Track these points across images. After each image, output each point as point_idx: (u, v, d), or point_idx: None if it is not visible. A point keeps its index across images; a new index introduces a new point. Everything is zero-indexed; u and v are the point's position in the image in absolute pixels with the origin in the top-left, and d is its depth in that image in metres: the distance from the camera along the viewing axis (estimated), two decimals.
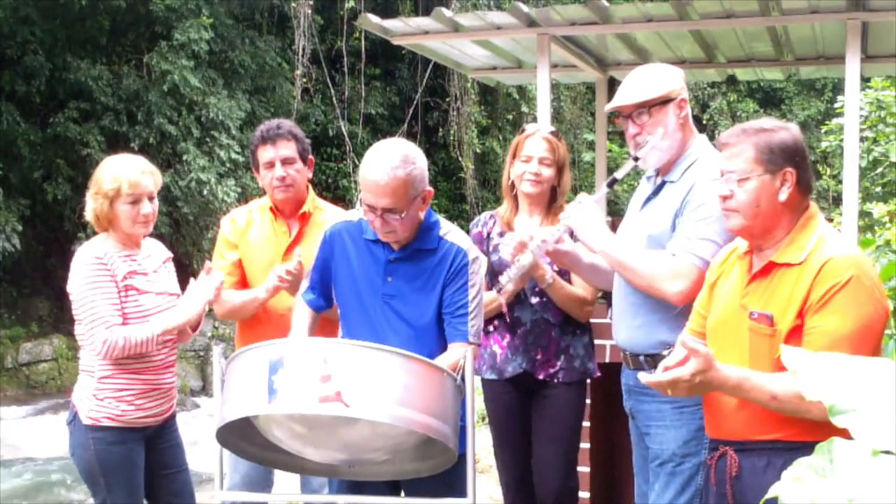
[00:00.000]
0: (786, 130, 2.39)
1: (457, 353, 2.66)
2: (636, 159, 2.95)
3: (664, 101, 2.89)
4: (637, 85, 2.92)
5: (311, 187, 3.62)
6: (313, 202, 3.58)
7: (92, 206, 3.25)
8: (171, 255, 3.52)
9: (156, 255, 3.42)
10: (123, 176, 3.21)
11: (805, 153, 2.39)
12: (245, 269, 3.52)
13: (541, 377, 3.44)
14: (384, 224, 2.70)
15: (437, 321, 2.80)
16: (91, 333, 3.16)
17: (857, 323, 2.20)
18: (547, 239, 3.02)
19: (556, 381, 3.45)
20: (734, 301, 2.41)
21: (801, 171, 2.36)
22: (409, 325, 2.78)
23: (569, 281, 3.43)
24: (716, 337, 2.44)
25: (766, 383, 2.21)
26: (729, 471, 2.38)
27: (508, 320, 3.45)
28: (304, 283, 3.02)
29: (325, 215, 3.57)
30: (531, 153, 3.43)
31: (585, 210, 2.95)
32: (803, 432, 2.19)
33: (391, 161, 2.64)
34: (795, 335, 2.25)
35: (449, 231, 2.85)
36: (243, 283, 3.56)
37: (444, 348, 2.79)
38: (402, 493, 2.87)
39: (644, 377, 2.35)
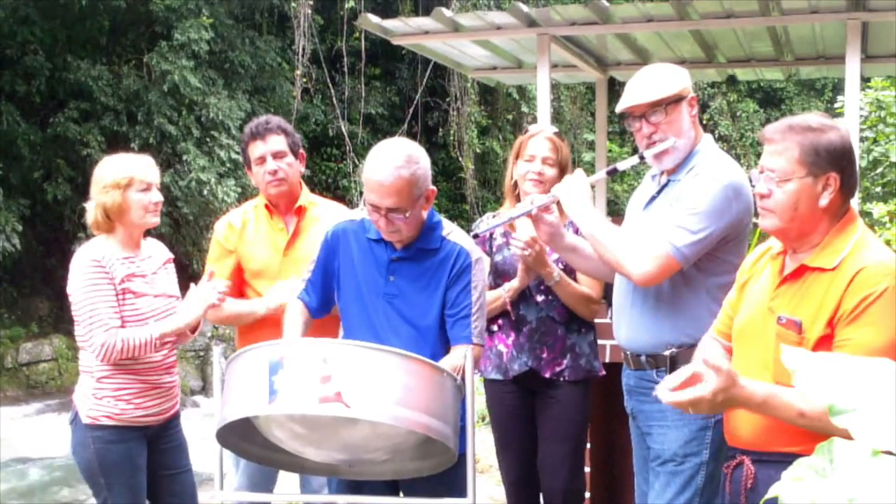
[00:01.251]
0: (835, 131, 2.22)
1: (459, 356, 2.66)
2: (642, 158, 2.95)
3: (678, 100, 2.88)
4: (649, 84, 2.90)
5: (303, 183, 3.61)
6: (307, 197, 3.57)
7: (101, 202, 3.23)
8: (171, 256, 3.52)
9: (156, 256, 3.42)
10: (133, 166, 3.26)
11: (852, 156, 2.25)
12: (245, 269, 3.52)
13: (547, 375, 3.44)
14: (389, 224, 2.70)
15: (439, 321, 2.80)
16: (90, 336, 3.17)
17: (892, 335, 2.09)
18: (535, 201, 3.01)
19: (562, 379, 3.45)
20: (763, 303, 2.31)
21: (846, 176, 2.21)
22: (410, 325, 2.78)
23: (575, 279, 3.43)
24: (742, 339, 2.37)
25: (794, 400, 2.07)
26: (744, 481, 2.31)
27: (513, 317, 3.45)
28: (300, 285, 2.98)
29: (320, 210, 3.56)
30: (534, 153, 3.43)
31: (576, 182, 2.95)
32: None
33: (395, 161, 2.64)
34: (824, 344, 2.15)
35: (451, 231, 2.85)
36: (239, 288, 3.55)
37: (446, 348, 2.79)
38: (401, 494, 2.87)
39: (663, 396, 2.19)
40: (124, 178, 3.21)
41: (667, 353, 2.85)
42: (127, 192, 3.22)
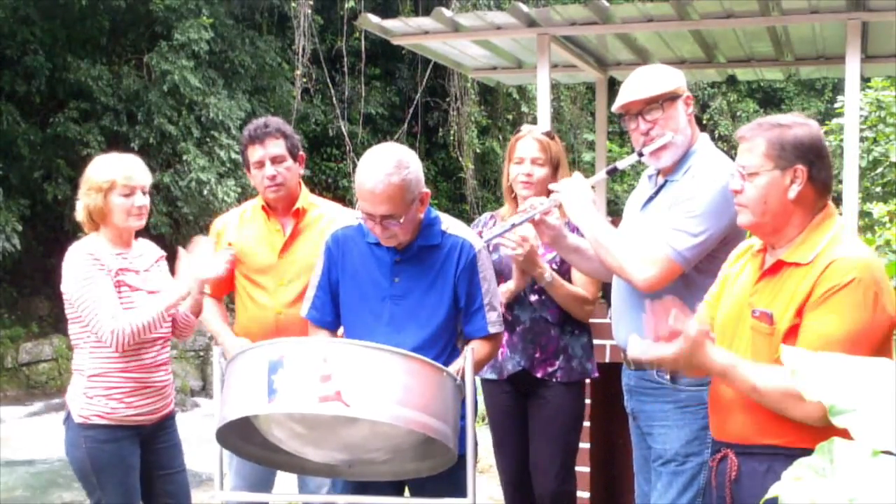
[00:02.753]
0: (803, 127, 2.31)
1: (479, 352, 2.70)
2: (641, 154, 2.95)
3: (673, 97, 2.89)
4: (645, 81, 2.91)
5: (303, 184, 3.59)
6: (306, 199, 3.54)
7: (85, 203, 3.26)
8: (163, 254, 3.52)
9: (148, 254, 3.43)
10: (117, 169, 3.25)
11: (822, 152, 2.32)
12: (242, 269, 3.51)
13: (539, 375, 3.45)
14: (385, 231, 2.69)
15: (449, 315, 2.80)
16: (96, 327, 3.16)
17: (852, 326, 2.15)
18: (536, 206, 3.02)
19: (553, 380, 3.45)
20: (742, 298, 2.38)
21: (815, 170, 2.28)
22: (418, 324, 2.77)
23: (569, 280, 3.44)
24: (722, 333, 2.42)
25: (750, 375, 2.21)
26: (729, 474, 2.36)
27: (509, 318, 3.45)
28: (306, 304, 2.96)
29: (320, 211, 3.54)
30: (523, 154, 3.45)
31: (577, 186, 2.95)
32: (805, 438, 2.15)
33: (385, 168, 2.63)
34: (794, 334, 2.21)
35: (450, 225, 2.85)
36: (229, 284, 3.54)
37: (455, 344, 2.80)
38: (407, 492, 2.87)
39: (632, 349, 2.34)
40: (105, 181, 3.21)
41: None
42: (109, 195, 3.22)
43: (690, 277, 2.83)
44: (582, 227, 2.94)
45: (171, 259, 3.50)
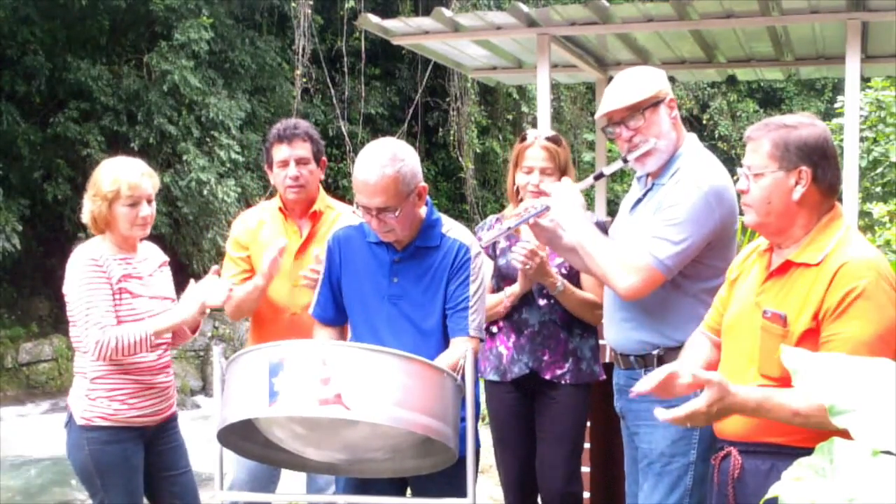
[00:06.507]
0: (810, 128, 2.31)
1: (458, 350, 2.66)
2: (625, 160, 2.95)
3: (656, 103, 2.88)
4: (625, 88, 2.89)
5: (321, 187, 3.62)
6: (324, 201, 3.58)
7: (90, 208, 3.26)
8: (167, 259, 3.52)
9: (152, 258, 3.42)
10: (123, 178, 3.22)
11: (827, 153, 2.30)
12: (256, 269, 3.52)
13: (547, 377, 3.44)
14: (381, 224, 2.71)
15: (443, 318, 2.80)
16: (85, 334, 3.17)
17: (878, 328, 2.15)
18: (530, 209, 3.03)
19: (563, 382, 3.45)
20: (751, 299, 2.38)
21: (820, 171, 2.28)
22: (416, 326, 2.78)
23: (578, 285, 3.43)
24: (731, 334, 2.42)
25: (788, 401, 2.13)
26: (732, 472, 2.36)
27: (516, 318, 3.45)
28: (312, 301, 2.98)
29: (336, 213, 3.57)
30: (532, 164, 3.43)
31: (566, 191, 2.96)
32: (809, 437, 2.14)
33: (380, 160, 2.66)
34: (809, 337, 2.20)
35: (451, 228, 2.86)
36: None
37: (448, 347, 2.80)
38: (409, 492, 2.88)
39: (660, 414, 2.22)
40: (111, 190, 3.20)
41: (654, 353, 2.86)
42: (113, 204, 3.22)
43: (677, 282, 2.83)
44: (569, 233, 2.95)
45: (177, 260, 3.50)
